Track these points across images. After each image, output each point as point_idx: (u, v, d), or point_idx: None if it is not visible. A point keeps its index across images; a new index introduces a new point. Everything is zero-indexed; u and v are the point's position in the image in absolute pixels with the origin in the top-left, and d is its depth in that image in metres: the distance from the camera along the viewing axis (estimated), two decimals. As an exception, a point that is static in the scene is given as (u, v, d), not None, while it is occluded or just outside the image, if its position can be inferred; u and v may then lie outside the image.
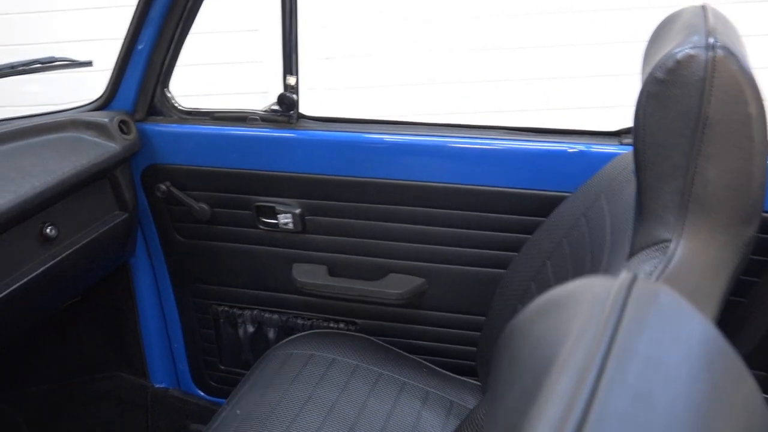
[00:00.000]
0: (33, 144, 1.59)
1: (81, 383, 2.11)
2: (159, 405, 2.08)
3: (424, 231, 1.66)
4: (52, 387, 2.11)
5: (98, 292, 1.99)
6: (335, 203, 1.71)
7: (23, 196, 1.44)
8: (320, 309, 1.85)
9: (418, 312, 1.76)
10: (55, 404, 2.11)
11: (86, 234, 1.66)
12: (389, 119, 1.69)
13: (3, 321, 1.52)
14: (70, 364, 2.11)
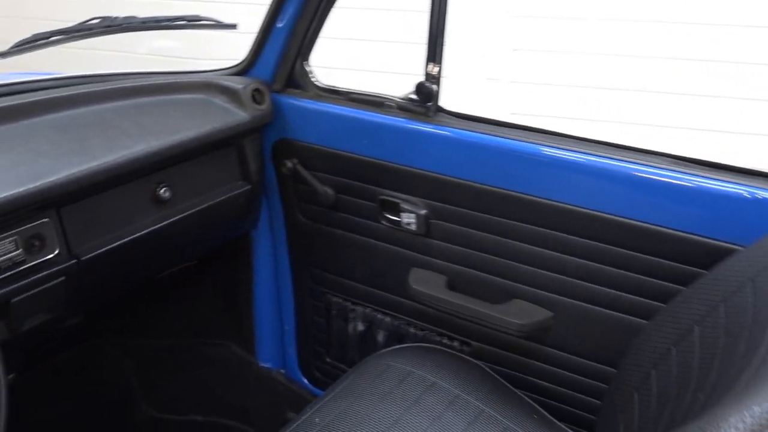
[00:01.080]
0: (160, 101, 1.55)
1: (191, 345, 2.10)
2: (261, 384, 2.02)
3: (559, 259, 1.43)
4: (164, 343, 2.12)
5: (218, 258, 1.95)
6: (465, 211, 1.52)
7: (135, 154, 1.40)
8: (434, 321, 1.68)
9: (539, 347, 1.54)
10: (165, 360, 2.12)
11: (202, 201, 1.60)
12: (533, 126, 1.47)
13: (115, 271, 1.50)
14: (184, 325, 2.10)
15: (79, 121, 1.42)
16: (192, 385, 2.10)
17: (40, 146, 1.33)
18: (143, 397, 2.13)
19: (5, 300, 1.30)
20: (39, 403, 2.03)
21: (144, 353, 2.14)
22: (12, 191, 1.24)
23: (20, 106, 1.38)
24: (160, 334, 2.12)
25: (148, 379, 2.14)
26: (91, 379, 2.14)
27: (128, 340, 2.15)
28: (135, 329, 2.15)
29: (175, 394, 2.10)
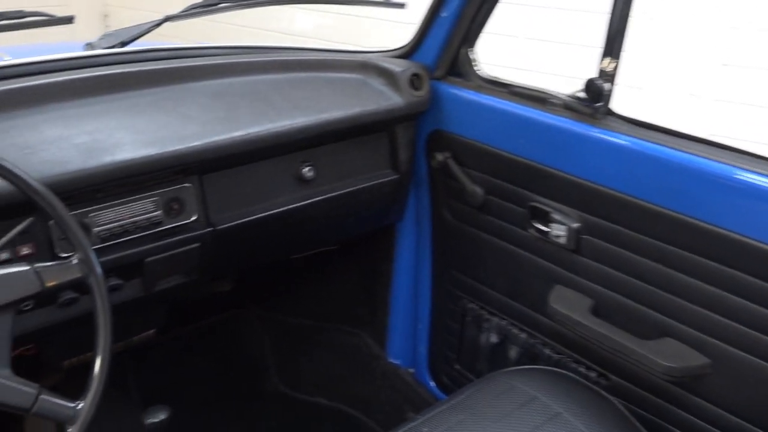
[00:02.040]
0: (315, 78, 1.52)
1: (326, 329, 2.08)
2: (387, 380, 1.96)
3: (726, 300, 1.22)
4: (301, 323, 2.12)
5: (359, 246, 1.91)
6: (624, 230, 1.35)
7: (279, 128, 1.38)
8: (572, 345, 1.52)
9: (688, 396, 1.33)
10: (300, 339, 2.12)
11: (346, 185, 1.56)
12: (725, 144, 1.26)
13: (250, 245, 1.50)
14: (322, 308, 2.09)
15: (232, 90, 1.42)
16: (322, 368, 2.09)
17: (189, 111, 1.34)
18: (275, 371, 2.15)
19: (140, 258, 1.33)
20: (180, 360, 2.11)
21: (282, 329, 2.16)
22: (155, 151, 1.26)
23: (177, 70, 1.40)
24: (299, 314, 2.13)
25: (282, 355, 2.15)
26: (230, 345, 2.20)
27: (269, 315, 2.18)
28: (277, 305, 2.17)
29: (305, 374, 2.10)
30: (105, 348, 1.04)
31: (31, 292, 1.00)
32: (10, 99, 1.23)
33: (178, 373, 2.09)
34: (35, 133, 1.20)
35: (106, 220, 1.27)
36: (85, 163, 1.19)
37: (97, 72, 1.35)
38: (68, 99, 1.28)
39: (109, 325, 1.04)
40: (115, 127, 1.26)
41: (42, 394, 0.99)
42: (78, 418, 1.01)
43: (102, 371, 1.03)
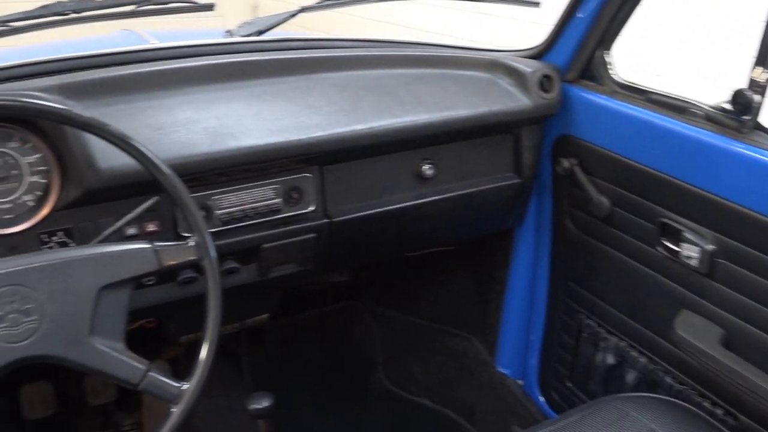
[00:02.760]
0: (442, 75, 1.49)
1: (435, 330, 2.05)
2: (494, 389, 1.90)
3: None
4: (412, 321, 2.10)
5: (476, 249, 1.87)
6: (764, 257, 1.23)
7: (402, 124, 1.36)
8: (697, 377, 1.41)
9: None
10: (409, 338, 2.11)
11: (466, 185, 1.52)
12: None
13: (366, 239, 1.50)
14: (433, 309, 2.06)
15: (359, 82, 1.42)
16: (429, 369, 2.06)
17: (316, 101, 1.35)
18: (383, 367, 2.15)
19: (257, 244, 1.36)
20: (290, 347, 2.14)
21: (393, 326, 2.15)
22: (279, 139, 1.28)
23: (307, 61, 1.41)
24: (411, 312, 2.12)
25: (391, 352, 2.15)
26: (340, 337, 2.22)
27: (382, 310, 2.18)
28: (390, 301, 2.17)
29: (411, 374, 2.08)
30: (213, 332, 1.05)
31: (149, 269, 1.03)
32: (150, 80, 1.29)
33: (288, 358, 2.13)
34: (168, 114, 1.24)
35: (227, 204, 1.31)
36: (212, 147, 1.22)
37: (231, 59, 1.39)
38: (203, 83, 1.33)
39: (219, 310, 1.06)
40: (243, 113, 1.29)
41: (151, 371, 1.02)
42: (182, 399, 1.03)
43: (209, 355, 1.05)
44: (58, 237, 1.20)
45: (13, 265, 0.96)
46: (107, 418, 1.92)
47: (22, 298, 0.95)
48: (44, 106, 0.99)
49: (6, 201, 1.15)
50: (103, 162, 1.13)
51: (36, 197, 1.17)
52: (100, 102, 1.21)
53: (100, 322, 0.99)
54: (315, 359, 2.16)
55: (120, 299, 1.02)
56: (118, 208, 1.22)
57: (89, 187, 1.14)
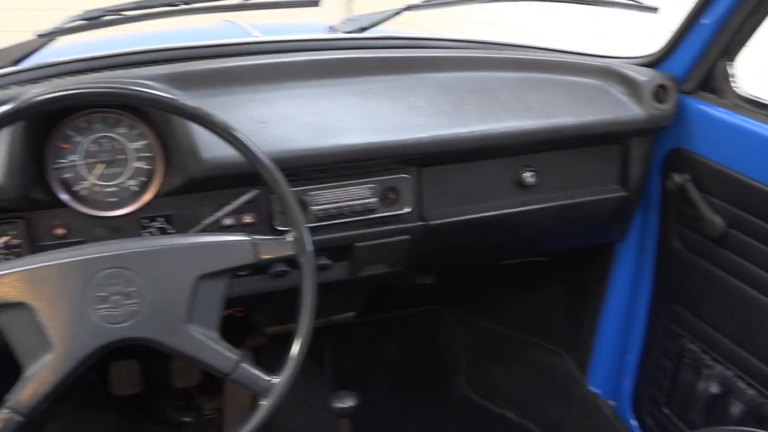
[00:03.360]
0: (548, 80, 1.43)
1: (523, 342, 1.99)
2: (584, 408, 1.83)
3: None
4: (498, 330, 2.05)
5: (573, 262, 1.80)
6: None
7: (506, 129, 1.32)
8: None
9: None
10: (495, 347, 2.05)
11: (568, 196, 1.46)
12: None
13: (460, 244, 1.47)
14: (523, 320, 2.00)
15: (462, 84, 1.38)
16: (515, 381, 2.00)
17: (418, 101, 1.32)
18: (465, 375, 2.10)
19: (350, 242, 1.34)
20: (374, 346, 2.13)
21: (478, 334, 2.11)
22: (380, 139, 1.26)
23: (410, 60, 1.39)
24: (498, 321, 2.06)
25: (475, 360, 2.10)
26: (424, 340, 2.18)
27: (468, 317, 2.14)
28: (476, 308, 2.12)
29: (495, 384, 2.03)
30: (306, 329, 1.05)
31: (246, 261, 1.03)
32: (254, 74, 1.29)
33: (371, 358, 2.12)
34: (271, 108, 1.24)
35: (323, 201, 1.30)
36: (313, 143, 1.21)
37: (334, 55, 1.38)
38: (306, 79, 1.32)
39: (313, 306, 1.05)
40: (345, 110, 1.28)
41: (243, 362, 1.02)
42: (271, 393, 1.03)
43: (300, 351, 1.04)
44: (159, 223, 1.22)
45: (119, 248, 0.99)
46: (189, 401, 1.96)
47: (125, 281, 0.97)
48: (153, 94, 1.01)
49: (111, 185, 1.18)
50: (207, 152, 1.14)
51: (139, 183, 1.19)
52: (204, 93, 1.23)
53: (197, 310, 1.00)
54: (397, 360, 2.13)
55: (217, 289, 1.02)
56: (216, 198, 1.23)
57: (192, 175, 1.15)
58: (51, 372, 0.94)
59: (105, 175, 1.17)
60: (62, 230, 1.17)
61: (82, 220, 1.17)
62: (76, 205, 1.15)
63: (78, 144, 1.15)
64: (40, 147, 1.12)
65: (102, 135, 1.17)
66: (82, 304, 0.95)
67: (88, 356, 0.96)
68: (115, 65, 1.30)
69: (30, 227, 1.15)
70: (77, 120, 1.15)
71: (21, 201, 1.09)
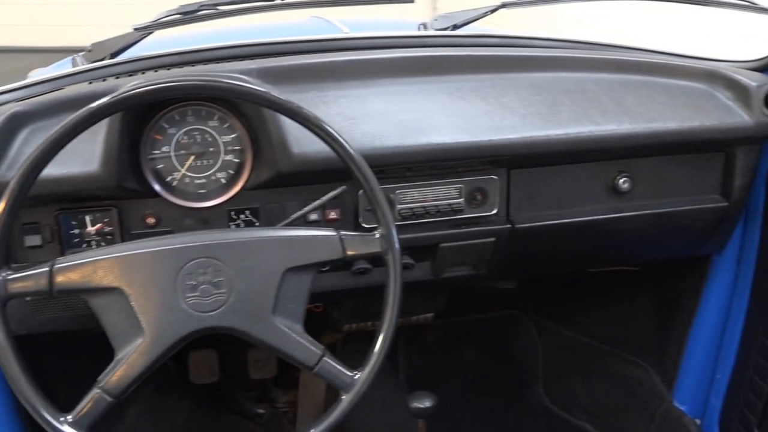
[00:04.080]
0: (649, 82, 1.36)
1: (605, 353, 1.92)
2: (667, 425, 1.75)
3: None
4: (579, 339, 1.98)
5: (664, 273, 1.72)
6: None
7: (603, 133, 1.27)
8: None
9: None
10: (575, 357, 1.99)
11: (664, 204, 1.40)
12: None
13: (546, 249, 1.43)
14: (606, 330, 1.93)
15: (557, 85, 1.33)
16: (593, 393, 1.94)
17: (510, 102, 1.29)
18: (543, 383, 2.05)
19: (435, 242, 1.32)
20: (450, 348, 2.10)
21: (558, 342, 2.05)
22: (471, 139, 1.23)
23: (503, 59, 1.35)
24: (579, 330, 2.00)
25: (553, 368, 2.04)
26: (502, 345, 2.14)
27: (548, 324, 2.08)
28: (557, 316, 2.06)
29: (574, 394, 1.97)
30: (390, 326, 1.04)
31: (333, 257, 1.02)
32: (344, 70, 1.28)
33: (446, 360, 2.09)
34: (361, 105, 1.23)
35: (409, 199, 1.28)
36: (402, 141, 1.19)
37: (424, 52, 1.35)
38: (396, 76, 1.30)
39: (397, 305, 1.04)
40: (436, 109, 1.25)
41: (326, 356, 1.02)
42: (353, 388, 1.02)
43: (383, 348, 1.03)
44: (245, 215, 1.22)
45: (210, 239, 1.00)
46: (264, 393, 1.98)
47: (214, 270, 0.98)
48: (249, 88, 1.01)
49: (201, 176, 1.19)
50: (296, 147, 1.14)
51: (228, 175, 1.20)
52: (295, 88, 1.22)
53: (283, 302, 1.00)
54: (472, 364, 2.10)
55: (302, 282, 1.02)
56: (302, 192, 1.23)
57: (281, 170, 1.15)
58: (140, 356, 0.96)
59: (195, 167, 1.19)
60: (152, 219, 1.19)
61: (172, 210, 1.19)
62: (168, 195, 1.17)
63: (171, 136, 1.17)
64: (136, 138, 1.15)
65: (194, 127, 1.18)
66: (173, 292, 0.96)
67: (176, 342, 0.98)
68: (207, 59, 1.32)
69: (122, 216, 1.17)
70: (172, 112, 1.16)
71: (115, 190, 1.12)
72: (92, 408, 0.95)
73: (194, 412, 1.88)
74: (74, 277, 0.95)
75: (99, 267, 0.96)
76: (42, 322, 1.24)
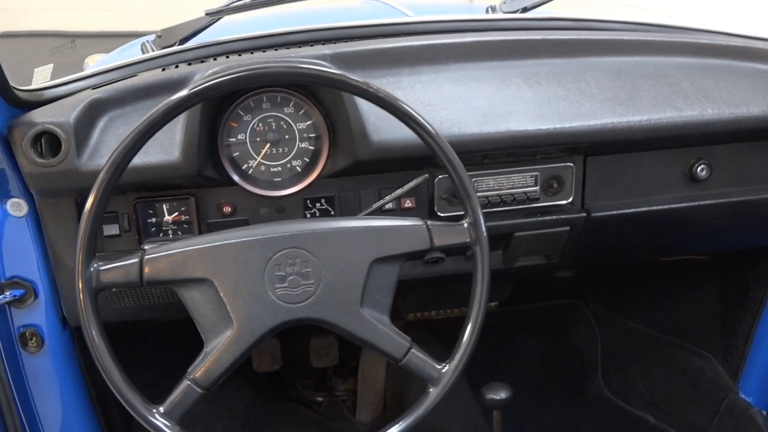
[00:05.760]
0: (728, 67, 1.33)
1: (667, 342, 1.89)
2: (733, 416, 1.71)
3: None
4: (638, 329, 1.95)
5: (735, 262, 1.68)
6: None
7: (685, 119, 1.23)
8: None
9: None
10: (635, 346, 1.96)
11: (741, 192, 1.36)
12: None
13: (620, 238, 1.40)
14: (668, 319, 1.90)
15: (635, 69, 1.30)
16: (654, 383, 1.91)
17: (588, 87, 1.26)
18: (602, 373, 2.02)
19: (510, 231, 1.30)
20: (509, 337, 2.07)
21: (618, 332, 2.02)
22: (549, 126, 1.20)
23: (578, 43, 1.32)
24: (639, 320, 1.97)
25: (612, 358, 2.01)
26: (561, 335, 2.11)
27: (608, 313, 2.05)
28: (616, 305, 2.03)
29: (634, 385, 1.94)
30: (477, 317, 1.02)
31: (421, 247, 1.01)
32: (415, 55, 1.25)
33: (505, 349, 2.07)
34: (437, 91, 1.21)
35: (485, 187, 1.26)
36: (482, 128, 1.17)
37: (498, 36, 1.32)
38: (469, 60, 1.27)
39: (486, 295, 1.02)
40: (513, 94, 1.23)
41: (413, 348, 1.01)
42: (441, 380, 1.00)
43: (470, 339, 1.02)
44: (321, 204, 1.21)
45: (297, 229, 0.98)
46: (323, 381, 1.97)
47: (302, 261, 0.96)
48: (344, 76, 0.98)
49: (277, 164, 1.18)
50: (375, 135, 1.12)
51: (303, 163, 1.19)
52: (369, 73, 1.20)
53: (370, 293, 0.99)
54: (531, 354, 2.08)
55: (389, 273, 1.01)
56: (377, 181, 1.22)
57: (360, 157, 1.13)
58: (230, 347, 0.95)
59: (270, 155, 1.18)
60: (229, 208, 1.18)
61: (249, 198, 1.18)
62: (245, 183, 1.16)
63: (246, 123, 1.16)
64: (213, 126, 1.14)
65: (269, 114, 1.17)
66: (261, 283, 0.95)
67: (266, 334, 0.97)
68: (278, 44, 1.30)
69: (199, 204, 1.17)
70: (248, 100, 1.15)
71: (195, 178, 1.11)
72: (182, 399, 0.95)
73: (254, 400, 1.88)
74: (164, 269, 0.94)
75: (189, 258, 0.95)
76: (116, 311, 1.24)
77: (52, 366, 1.26)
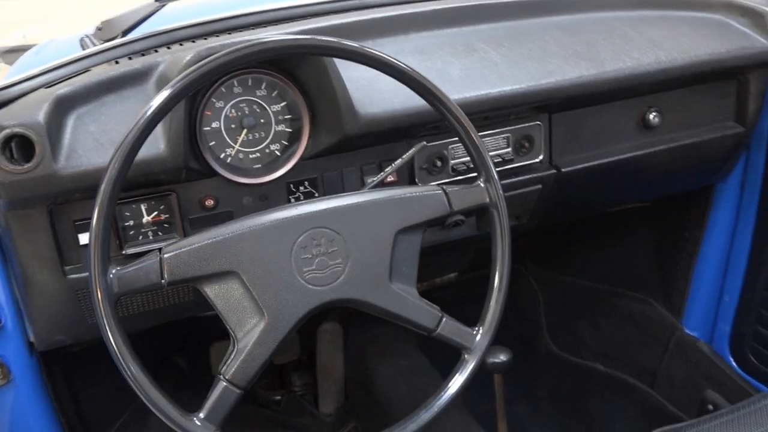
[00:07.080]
0: (668, 17, 1.39)
1: (608, 293, 1.96)
2: (680, 351, 1.81)
3: None
4: (579, 284, 2.02)
5: (666, 207, 1.77)
6: None
7: (644, 68, 1.27)
8: None
9: None
10: (577, 301, 2.03)
11: (689, 135, 1.43)
12: None
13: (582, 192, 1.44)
14: (607, 270, 1.97)
15: (585, 26, 1.33)
16: (600, 334, 1.98)
17: (548, 45, 1.27)
18: (548, 332, 2.08)
19: None
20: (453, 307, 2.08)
21: (559, 290, 2.08)
22: (521, 86, 1.20)
23: (527, 4, 1.34)
24: (578, 275, 2.03)
25: (558, 317, 2.07)
26: None
27: (547, 274, 2.10)
28: (555, 264, 2.09)
29: (581, 338, 2.01)
30: (503, 277, 1.01)
31: (441, 213, 0.99)
32: (376, 28, 1.23)
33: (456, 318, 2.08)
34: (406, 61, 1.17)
35: (462, 153, 1.25)
36: (461, 93, 1.16)
37: (457, 3, 1.32)
38: (430, 29, 1.26)
39: (509, 254, 1.01)
40: (481, 57, 1.22)
41: (444, 317, 0.98)
42: (477, 347, 0.99)
43: (498, 301, 1.00)
44: (305, 187, 1.15)
45: (318, 207, 0.93)
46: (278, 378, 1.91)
47: (327, 240, 0.92)
48: (356, 46, 0.93)
49: (255, 150, 1.12)
50: (362, 108, 1.08)
51: (282, 147, 1.13)
52: None
53: (397, 266, 0.96)
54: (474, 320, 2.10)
55: (413, 243, 0.98)
56: (359, 157, 1.18)
57: (348, 132, 1.09)
58: (263, 341, 0.89)
59: (248, 142, 1.11)
60: (211, 201, 1.10)
61: (230, 189, 1.11)
62: (225, 172, 1.08)
63: (219, 110, 1.08)
64: (193, 115, 1.05)
65: (241, 99, 1.09)
66: (290, 268, 0.90)
67: (298, 321, 0.91)
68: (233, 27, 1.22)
69: (180, 201, 1.08)
70: (221, 86, 1.07)
71: (180, 171, 1.02)
72: (221, 402, 0.88)
73: None
74: (186, 265, 0.87)
75: (212, 251, 0.87)
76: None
77: (19, 398, 1.13)
